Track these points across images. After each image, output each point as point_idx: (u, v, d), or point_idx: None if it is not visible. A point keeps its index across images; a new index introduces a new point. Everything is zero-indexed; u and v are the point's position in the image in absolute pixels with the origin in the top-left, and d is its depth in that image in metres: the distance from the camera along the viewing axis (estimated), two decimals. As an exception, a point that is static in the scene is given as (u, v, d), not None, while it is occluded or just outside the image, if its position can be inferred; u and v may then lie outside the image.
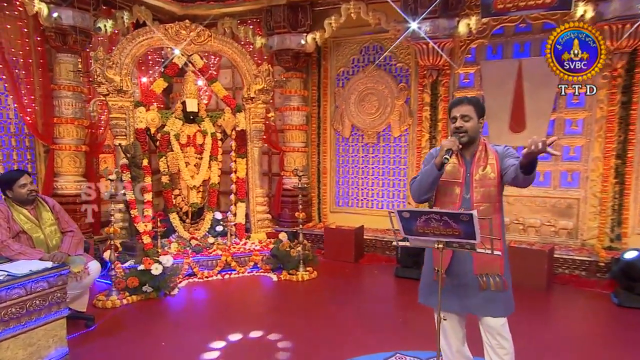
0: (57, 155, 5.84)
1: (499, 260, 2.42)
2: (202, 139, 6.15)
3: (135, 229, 5.41)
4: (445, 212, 2.08)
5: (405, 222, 2.20)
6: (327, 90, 7.46)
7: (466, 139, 2.46)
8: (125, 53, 5.75)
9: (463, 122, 2.45)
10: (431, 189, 2.45)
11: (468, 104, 2.47)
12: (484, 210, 2.40)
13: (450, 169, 2.48)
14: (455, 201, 2.44)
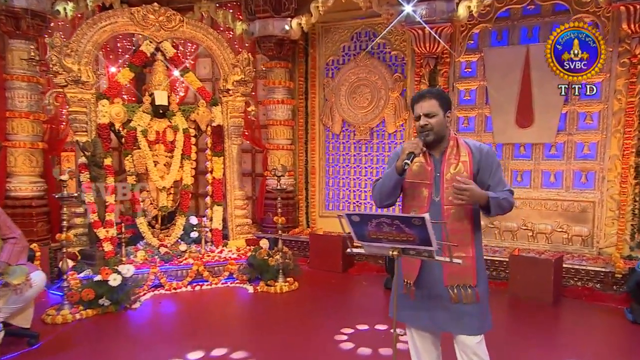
0: (10, 153, 5.76)
1: (470, 270, 2.36)
2: (172, 135, 6.04)
3: (96, 236, 5.30)
4: (397, 216, 2.05)
5: (356, 226, 2.16)
6: (315, 81, 7.36)
7: (432, 137, 2.40)
8: (86, 39, 5.65)
9: (427, 119, 2.39)
10: (393, 194, 2.42)
11: (431, 98, 2.42)
12: (455, 213, 2.35)
13: (416, 169, 2.43)
14: (423, 204, 2.39)
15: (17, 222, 5.59)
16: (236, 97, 6.39)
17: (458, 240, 2.30)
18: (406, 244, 2.13)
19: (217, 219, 6.29)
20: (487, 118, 6.35)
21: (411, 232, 2.06)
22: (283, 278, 5.51)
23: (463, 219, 2.36)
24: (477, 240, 2.42)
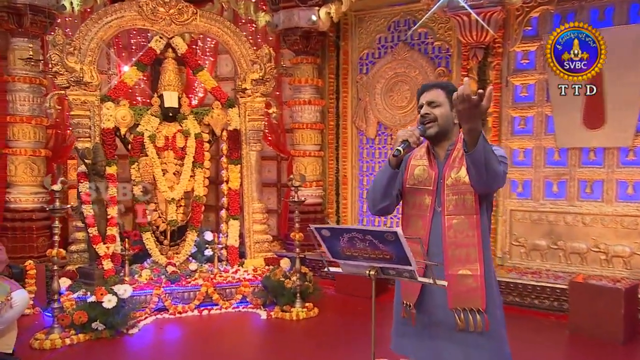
0: (10, 161, 5.98)
1: (478, 291, 2.31)
2: (183, 141, 6.09)
3: (95, 252, 5.39)
4: (368, 230, 2.07)
5: (328, 242, 2.17)
6: (348, 78, 7.28)
7: (435, 129, 2.37)
8: (90, 36, 5.80)
9: (430, 108, 2.38)
10: (386, 195, 2.38)
11: (438, 89, 2.42)
12: (459, 224, 2.32)
13: (418, 172, 2.44)
14: (425, 214, 2.38)
15: (16, 237, 5.90)
16: (255, 97, 6.38)
17: (462, 256, 2.30)
18: (384, 263, 2.11)
19: (232, 234, 6.27)
20: (547, 118, 6.05)
21: (386, 249, 2.05)
22: (301, 303, 5.40)
23: (467, 231, 2.31)
24: (486, 256, 2.36)
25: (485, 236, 2.38)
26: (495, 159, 2.14)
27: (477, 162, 2.11)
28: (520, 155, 6.27)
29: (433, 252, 2.36)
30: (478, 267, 2.32)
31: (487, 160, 2.09)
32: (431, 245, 2.37)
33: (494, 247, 6.29)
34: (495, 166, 2.14)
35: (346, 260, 2.21)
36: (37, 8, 5.86)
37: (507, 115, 6.28)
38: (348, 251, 2.17)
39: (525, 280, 5.73)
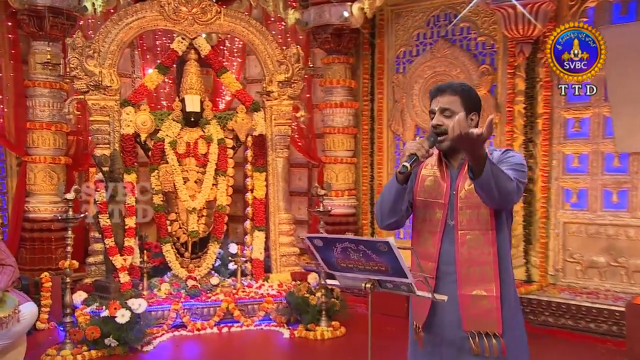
0: (29, 169, 6.18)
1: (494, 313, 2.29)
2: (205, 147, 6.16)
3: (112, 264, 5.50)
4: (360, 239, 2.11)
5: (322, 252, 2.22)
6: (383, 78, 7.25)
7: (448, 143, 2.33)
8: (110, 38, 5.96)
9: (443, 118, 2.34)
10: (395, 210, 2.39)
11: (452, 94, 2.37)
12: (473, 240, 2.31)
13: (430, 184, 2.43)
14: (436, 229, 2.38)
15: (34, 248, 6.10)
16: (282, 100, 6.40)
17: (476, 275, 2.30)
18: (380, 275, 2.15)
19: (257, 247, 6.29)
20: (606, 120, 5.84)
21: (380, 261, 2.09)
22: (326, 321, 5.35)
23: (483, 247, 2.30)
24: (504, 275, 2.34)
25: (504, 253, 2.35)
26: (505, 178, 2.14)
27: (485, 187, 2.13)
28: (575, 161, 6.05)
29: (445, 270, 2.36)
30: (494, 288, 2.30)
31: (496, 183, 2.11)
32: (442, 263, 2.36)
33: (545, 263, 6.09)
34: (506, 186, 2.14)
35: (342, 272, 2.24)
36: (58, 10, 6.04)
37: (559, 117, 6.08)
38: (343, 262, 2.20)
39: (579, 301, 5.51)
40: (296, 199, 7.65)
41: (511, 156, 2.37)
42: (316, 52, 7.51)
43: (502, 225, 2.34)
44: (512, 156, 2.37)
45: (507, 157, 2.37)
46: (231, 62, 7.89)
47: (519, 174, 2.27)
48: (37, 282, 5.45)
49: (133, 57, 7.61)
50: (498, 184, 2.12)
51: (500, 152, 2.41)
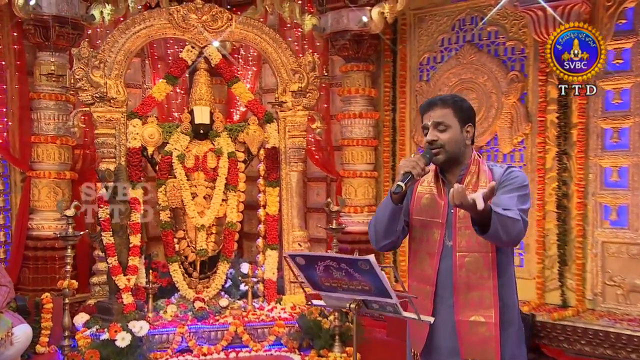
0: (33, 184, 6.31)
1: (492, 342, 2.32)
2: (215, 160, 6.20)
3: (115, 285, 5.56)
4: (340, 257, 2.18)
5: (305, 271, 2.29)
6: (406, 86, 7.22)
7: (443, 157, 2.41)
8: (117, 48, 6.06)
9: (437, 132, 2.41)
10: (390, 231, 2.44)
11: (444, 107, 2.44)
12: (472, 262, 2.34)
13: (426, 202, 2.47)
14: (434, 250, 2.42)
15: (37, 267, 6.20)
16: (297, 111, 6.42)
17: (475, 300, 2.33)
18: (365, 295, 2.20)
19: (270, 266, 6.28)
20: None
21: (363, 280, 2.14)
22: (340, 347, 5.31)
23: (482, 270, 2.32)
24: (505, 300, 2.37)
25: (506, 277, 2.39)
26: (512, 222, 2.18)
27: (493, 239, 2.20)
28: (614, 175, 5.89)
29: (442, 294, 2.38)
30: (493, 314, 2.32)
31: (504, 231, 2.15)
32: (440, 286, 2.39)
33: (582, 287, 5.93)
34: (514, 230, 2.19)
35: (327, 291, 2.30)
36: (64, 19, 6.18)
37: (595, 127, 5.94)
38: (327, 282, 2.26)
39: (619, 328, 5.35)
40: (314, 215, 7.63)
41: (514, 177, 2.39)
42: (335, 60, 7.52)
43: (502, 249, 2.36)
44: (515, 177, 2.39)
45: (510, 178, 2.39)
46: (246, 71, 7.95)
47: (521, 201, 2.30)
48: (38, 303, 5.52)
49: (144, 67, 7.74)
50: (506, 232, 2.16)
51: (502, 170, 2.44)
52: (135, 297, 5.78)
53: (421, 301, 2.41)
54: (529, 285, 6.15)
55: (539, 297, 6.13)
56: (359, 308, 2.24)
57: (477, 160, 2.47)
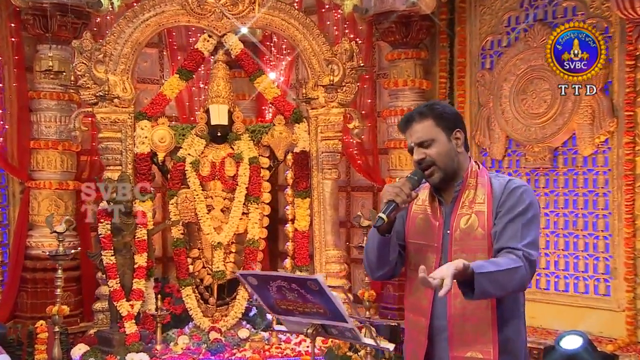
0: (32, 196, 6.58)
1: None
2: (234, 167, 6.29)
3: (117, 311, 5.71)
4: (292, 277, 2.32)
5: (260, 292, 2.40)
6: (465, 76, 7.16)
7: (439, 174, 2.49)
8: (123, 39, 6.26)
9: (423, 150, 2.49)
10: (382, 262, 2.53)
11: (422, 119, 2.51)
12: None
13: (420, 223, 2.56)
14: None
15: (37, 291, 6.44)
16: (331, 108, 6.44)
17: (471, 334, 2.39)
18: (322, 319, 2.31)
19: (299, 291, 6.30)
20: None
21: (316, 302, 2.26)
22: (373, 389, 5.26)
23: (481, 301, 2.36)
24: (506, 334, 2.42)
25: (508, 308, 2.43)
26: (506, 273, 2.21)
27: (486, 296, 2.27)
28: None
29: (438, 326, 2.45)
30: (491, 350, 2.37)
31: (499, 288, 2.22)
32: (435, 318, 2.46)
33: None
34: (513, 281, 2.25)
35: (283, 315, 2.42)
36: (66, 7, 6.40)
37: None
38: (282, 304, 2.37)
39: None
40: (357, 231, 7.60)
41: (517, 196, 2.41)
42: (382, 46, 7.51)
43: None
44: (517, 196, 2.41)
45: (511, 197, 2.41)
46: (279, 61, 8.03)
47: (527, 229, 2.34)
48: (31, 332, 5.73)
49: (162, 59, 7.94)
50: (502, 288, 2.23)
51: (502, 183, 2.47)
52: (143, 326, 5.94)
53: (415, 336, 2.50)
54: (617, 319, 6.00)
55: (630, 334, 5.90)
56: (317, 333, 2.33)
57: (475, 171, 2.52)
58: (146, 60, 7.87)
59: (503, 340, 2.39)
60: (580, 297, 6.32)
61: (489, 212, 2.42)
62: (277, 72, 8.03)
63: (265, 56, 8.06)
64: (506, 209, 2.39)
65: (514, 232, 2.33)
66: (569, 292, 6.43)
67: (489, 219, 2.42)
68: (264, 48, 8.03)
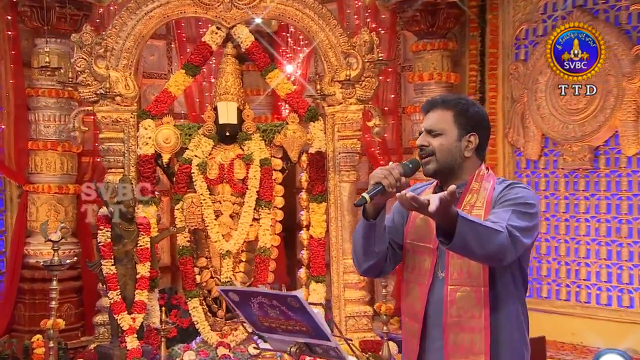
0: (31, 200, 6.69)
1: None
2: (244, 170, 6.32)
3: (117, 325, 5.77)
4: (272, 294, 2.32)
5: (242, 309, 2.44)
6: (497, 68, 7.15)
7: (434, 166, 2.52)
8: (126, 32, 6.32)
9: (429, 137, 2.53)
10: (367, 252, 2.56)
11: (444, 109, 2.55)
12: (462, 299, 2.43)
13: (420, 223, 2.57)
14: (424, 282, 2.52)
15: (35, 303, 6.53)
16: (348, 104, 6.42)
17: (466, 344, 2.43)
18: (305, 337, 2.34)
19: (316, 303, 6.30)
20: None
21: (298, 319, 2.28)
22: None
23: (473, 308, 2.41)
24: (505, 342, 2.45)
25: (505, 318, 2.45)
26: (487, 232, 2.22)
27: (462, 250, 2.26)
28: None
29: (433, 334, 2.48)
30: None
31: (477, 242, 2.20)
32: (430, 325, 2.49)
33: None
34: (492, 243, 2.23)
35: (267, 333, 2.45)
36: (69, -1, 6.53)
37: None
38: (265, 321, 2.40)
39: None
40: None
41: (515, 193, 2.45)
42: (407, 36, 7.48)
43: (500, 282, 2.43)
44: (516, 193, 2.45)
45: (509, 193, 2.45)
46: (296, 53, 8.05)
47: (519, 217, 2.33)
48: (27, 347, 5.81)
49: (170, 52, 8.01)
50: (479, 244, 2.21)
51: (503, 185, 2.51)
52: (147, 341, 5.98)
53: (409, 340, 2.55)
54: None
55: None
56: (300, 352, 2.35)
57: (481, 175, 2.53)
58: (153, 53, 7.97)
59: (499, 349, 2.43)
60: (624, 312, 6.28)
61: (486, 212, 2.44)
62: (295, 65, 8.05)
63: (281, 48, 8.08)
64: (500, 202, 2.43)
65: (503, 214, 2.33)
66: (612, 306, 6.39)
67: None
68: (280, 39, 8.06)
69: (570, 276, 6.70)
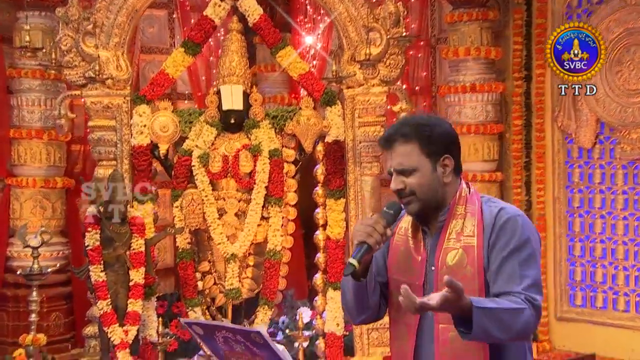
0: (14, 196, 6.82)
1: None
2: (251, 162, 6.36)
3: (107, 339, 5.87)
4: (236, 329, 2.51)
5: (208, 342, 2.64)
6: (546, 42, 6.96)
7: (417, 205, 2.58)
8: (117, 6, 6.35)
9: (402, 178, 2.58)
10: (361, 307, 2.66)
11: (406, 142, 2.58)
12: (457, 339, 2.40)
13: (402, 258, 2.66)
14: (412, 321, 2.59)
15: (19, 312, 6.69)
16: (371, 86, 6.42)
17: None
18: None
19: (332, 314, 6.38)
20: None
21: (264, 356, 2.40)
22: None
23: (470, 349, 2.44)
24: None
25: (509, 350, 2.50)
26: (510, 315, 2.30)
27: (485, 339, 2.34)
28: None
29: None
30: None
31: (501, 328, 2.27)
32: None
33: None
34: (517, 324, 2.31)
35: None
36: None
37: None
38: (232, 356, 2.51)
39: None
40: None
41: (512, 231, 2.49)
42: (443, 4, 7.45)
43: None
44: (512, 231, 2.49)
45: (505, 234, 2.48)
46: (316, 25, 8.04)
47: (527, 267, 2.41)
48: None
49: (172, 24, 8.04)
50: (504, 329, 2.28)
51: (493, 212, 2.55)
52: (143, 356, 6.07)
53: None
54: None
55: None
56: None
57: (464, 197, 2.61)
58: (153, 24, 8.03)
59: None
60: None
61: (479, 246, 2.50)
62: (314, 37, 8.05)
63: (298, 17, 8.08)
64: (500, 246, 2.47)
65: (511, 274, 2.41)
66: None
67: (479, 255, 2.49)
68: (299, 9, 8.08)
69: (630, 284, 6.68)
